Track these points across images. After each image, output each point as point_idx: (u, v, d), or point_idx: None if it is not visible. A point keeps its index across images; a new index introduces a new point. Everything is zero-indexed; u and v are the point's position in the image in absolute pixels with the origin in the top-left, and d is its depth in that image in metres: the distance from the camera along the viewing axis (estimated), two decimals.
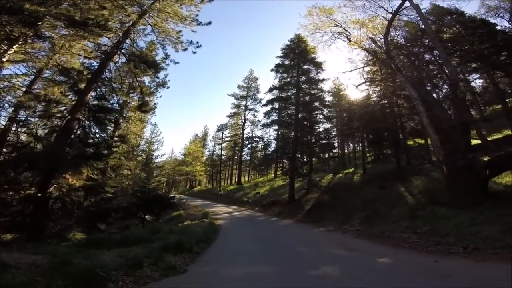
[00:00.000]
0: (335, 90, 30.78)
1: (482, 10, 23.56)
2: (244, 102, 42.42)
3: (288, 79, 22.74)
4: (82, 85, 11.81)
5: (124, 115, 17.97)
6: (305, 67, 22.32)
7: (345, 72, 20.23)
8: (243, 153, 43.93)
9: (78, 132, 11.68)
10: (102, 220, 13.36)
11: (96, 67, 12.53)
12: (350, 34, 15.76)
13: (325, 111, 22.82)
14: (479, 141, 14.87)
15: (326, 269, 5.35)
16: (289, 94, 22.41)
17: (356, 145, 29.90)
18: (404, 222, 9.59)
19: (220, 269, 5.93)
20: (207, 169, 54.21)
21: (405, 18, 17.24)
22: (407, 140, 18.57)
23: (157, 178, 32.37)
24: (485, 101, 20.49)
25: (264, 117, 23.33)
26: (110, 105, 13.58)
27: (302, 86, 22.02)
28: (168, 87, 16.11)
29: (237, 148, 43.73)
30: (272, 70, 23.54)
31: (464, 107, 13.60)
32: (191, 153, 52.62)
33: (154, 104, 20.13)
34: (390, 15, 14.71)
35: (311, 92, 21.96)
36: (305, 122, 21.10)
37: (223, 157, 48.10)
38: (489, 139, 15.52)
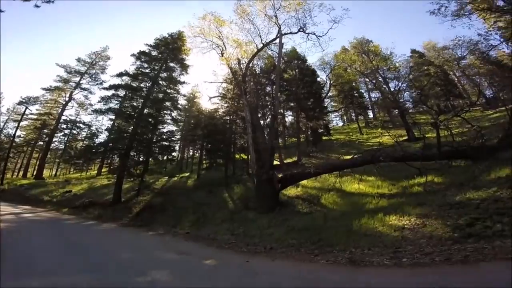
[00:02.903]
0: (191, 95, 31.50)
1: (317, 62, 33.15)
2: (78, 79, 33.96)
3: (147, 71, 20.90)
4: None
5: None
6: (171, 64, 21.68)
7: (205, 82, 21.56)
8: (54, 139, 33.41)
9: None
10: None
11: None
12: (225, 49, 17.09)
13: (175, 113, 22.76)
14: (278, 162, 20.87)
15: (155, 274, 5.23)
16: (142, 85, 20.42)
17: (195, 151, 31.58)
18: (226, 225, 10.97)
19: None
20: None
21: (270, 52, 21.32)
22: (235, 154, 22.41)
23: None
24: (289, 134, 29.19)
25: (99, 102, 19.28)
26: None
27: (160, 82, 20.94)
28: None
29: (46, 131, 32.81)
30: (132, 55, 20.92)
31: (275, 135, 18.59)
32: None
33: None
34: (261, 45, 17.68)
35: (167, 90, 21.28)
36: (150, 119, 19.77)
37: (18, 140, 34.12)
38: (285, 161, 22.19)
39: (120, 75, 20.16)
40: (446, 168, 10.16)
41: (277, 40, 17.35)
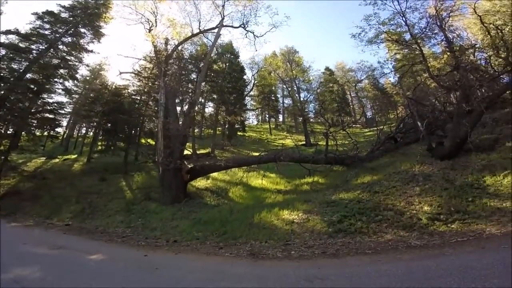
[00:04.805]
0: (97, 67, 26.44)
1: (248, 61, 33.33)
2: None
3: (47, 32, 16.45)
4: None
5: None
6: (82, 30, 17.93)
7: (120, 55, 18.35)
8: None
9: None
10: None
11: None
12: (155, 26, 15.21)
13: (70, 83, 18.49)
14: (190, 152, 20.24)
15: (21, 271, 4.44)
16: (33, 47, 15.81)
17: (89, 130, 26.58)
18: (120, 216, 9.99)
19: None
20: None
21: (205, 40, 19.95)
22: (141, 138, 20.21)
23: None
24: (206, 125, 28.65)
25: None
26: None
27: (60, 46, 16.77)
28: None
29: None
30: (34, 13, 16.36)
31: (190, 124, 17.82)
32: None
33: None
34: (198, 31, 16.51)
35: (66, 57, 17.21)
36: (32, 86, 15.38)
37: None
38: (198, 152, 21.66)
39: (6, 33, 15.09)
40: (328, 172, 12.55)
41: (216, 30, 16.92)
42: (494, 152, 7.97)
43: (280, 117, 52.01)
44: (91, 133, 24.51)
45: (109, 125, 18.57)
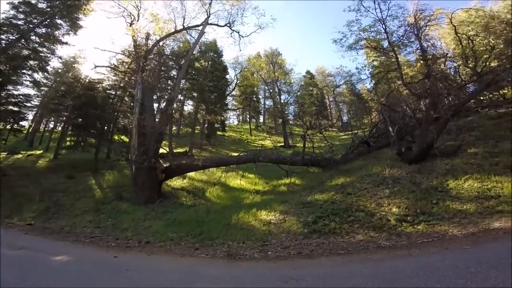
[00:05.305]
0: (71, 59, 24.90)
1: (232, 61, 33.11)
2: None
3: (20, 22, 15.20)
4: None
5: None
6: (58, 21, 16.55)
7: (97, 48, 17.37)
8: None
9: None
10: None
11: None
12: (137, 21, 14.61)
13: (40, 75, 17.14)
14: (166, 151, 19.57)
15: None
16: (2, 37, 14.49)
17: (58, 124, 24.89)
18: (88, 216, 9.51)
19: None
20: None
21: (188, 37, 19.40)
22: (114, 134, 19.22)
23: None
24: (185, 124, 27.98)
25: None
26: None
27: (32, 37, 15.50)
28: None
29: None
30: (9, 3, 15.06)
31: (167, 121, 17.25)
32: None
33: None
34: (181, 27, 16.08)
35: (38, 48, 15.89)
36: None
37: None
38: (175, 151, 21.05)
39: None
40: (305, 173, 12.81)
41: (200, 27, 16.58)
42: (457, 157, 8.57)
43: (261, 118, 52.26)
44: (60, 128, 22.98)
45: (80, 120, 17.46)
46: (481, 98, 12.78)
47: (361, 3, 14.15)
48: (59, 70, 25.19)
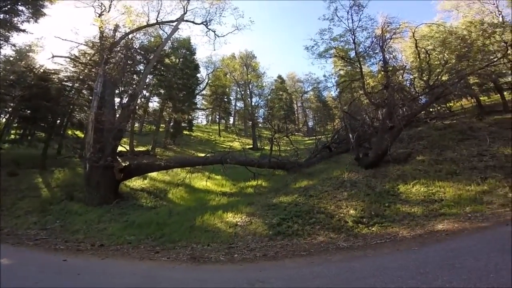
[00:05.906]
0: (26, 47, 22.11)
1: (204, 59, 32.27)
2: None
3: None
4: None
5: None
6: (20, 8, 14.86)
7: (57, 38, 15.55)
8: None
9: None
10: None
11: None
12: (108, 12, 13.67)
13: None
14: (127, 149, 18.32)
15: None
16: None
17: (2, 115, 21.87)
18: (33, 217, 8.62)
19: None
20: None
21: (161, 32, 18.39)
22: (68, 129, 17.46)
23: None
24: (150, 121, 26.50)
25: None
26: None
27: None
28: None
29: None
30: None
31: (129, 118, 16.13)
32: None
33: None
34: (155, 21, 15.49)
35: None
36: None
37: None
38: (136, 149, 19.79)
39: None
40: (271, 175, 13.06)
41: (175, 23, 15.97)
42: (407, 164, 9.45)
43: (231, 119, 51.94)
44: (3, 120, 20.25)
45: (29, 112, 15.52)
46: (430, 110, 13.98)
47: (336, 13, 14.95)
48: (11, 58, 22.34)
